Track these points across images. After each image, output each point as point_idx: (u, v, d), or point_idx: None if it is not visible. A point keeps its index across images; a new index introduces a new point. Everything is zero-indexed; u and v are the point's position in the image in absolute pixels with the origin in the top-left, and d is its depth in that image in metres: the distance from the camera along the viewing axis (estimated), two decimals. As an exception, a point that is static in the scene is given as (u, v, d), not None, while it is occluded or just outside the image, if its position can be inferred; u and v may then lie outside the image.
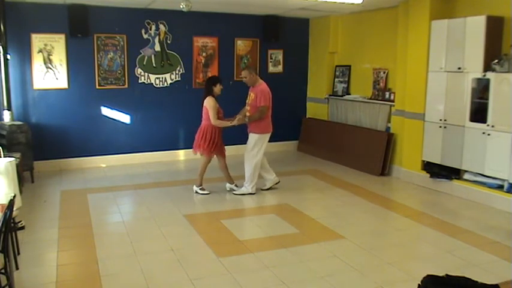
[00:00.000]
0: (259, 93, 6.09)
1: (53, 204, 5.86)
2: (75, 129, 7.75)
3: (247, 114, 6.19)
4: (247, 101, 6.30)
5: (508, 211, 5.57)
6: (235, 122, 6.15)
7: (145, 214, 5.59)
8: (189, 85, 8.51)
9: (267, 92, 6.13)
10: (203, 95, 6.16)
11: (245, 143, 6.36)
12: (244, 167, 6.30)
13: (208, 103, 6.04)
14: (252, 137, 6.19)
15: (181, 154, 8.65)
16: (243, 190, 6.30)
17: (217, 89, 6.13)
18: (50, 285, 3.74)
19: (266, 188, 6.49)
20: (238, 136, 7.14)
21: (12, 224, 3.92)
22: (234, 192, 6.33)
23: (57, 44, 7.45)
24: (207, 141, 6.09)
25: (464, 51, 6.03)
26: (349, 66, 8.70)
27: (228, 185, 6.43)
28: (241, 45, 8.89)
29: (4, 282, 3.31)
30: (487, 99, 5.79)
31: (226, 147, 6.44)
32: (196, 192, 6.33)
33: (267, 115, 6.17)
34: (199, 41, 8.50)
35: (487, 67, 5.78)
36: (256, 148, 6.17)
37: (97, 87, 7.82)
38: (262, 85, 6.19)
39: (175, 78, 8.40)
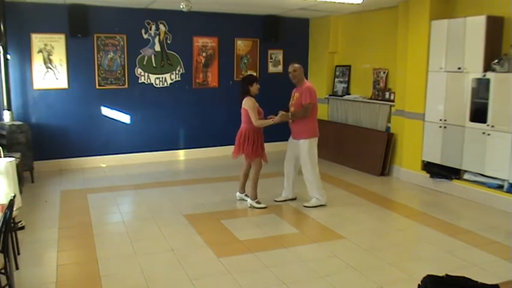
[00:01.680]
0: (304, 91, 5.63)
1: (53, 204, 5.86)
2: (75, 129, 7.76)
3: (290, 115, 5.67)
4: (290, 102, 5.85)
5: (508, 211, 5.57)
6: (277, 119, 5.61)
7: (145, 214, 5.59)
8: (189, 85, 8.51)
9: (313, 90, 5.71)
10: (240, 96, 5.74)
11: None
12: (308, 179, 5.80)
13: (248, 104, 5.59)
14: (303, 145, 5.71)
15: (181, 154, 8.65)
16: (314, 202, 5.82)
17: (255, 88, 5.68)
18: (50, 285, 3.74)
19: (281, 199, 6.06)
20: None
21: (12, 224, 3.92)
22: (305, 205, 5.80)
23: (57, 44, 7.45)
24: (251, 144, 5.66)
25: (464, 51, 6.03)
26: (349, 66, 8.70)
27: (239, 194, 6.08)
28: (241, 45, 8.89)
29: (4, 282, 3.31)
30: (487, 99, 5.79)
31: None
32: (252, 206, 5.78)
33: (313, 117, 5.75)
34: (199, 41, 8.50)
35: (487, 67, 5.78)
36: (310, 155, 5.73)
37: (97, 87, 7.82)
38: (308, 83, 5.79)
39: (175, 78, 8.40)
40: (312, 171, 5.77)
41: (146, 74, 8.16)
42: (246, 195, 6.00)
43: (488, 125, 5.79)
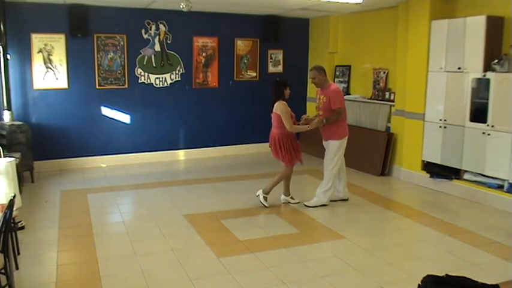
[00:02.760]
0: (332, 95, 5.58)
1: (53, 204, 5.86)
2: (75, 129, 7.76)
3: (324, 121, 5.62)
4: (317, 105, 5.85)
5: (508, 211, 5.57)
6: (312, 126, 5.61)
7: (145, 214, 5.59)
8: (189, 85, 8.51)
9: (340, 92, 5.73)
10: (272, 100, 5.63)
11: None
12: (324, 176, 5.84)
13: (280, 109, 5.49)
14: (333, 145, 5.72)
15: (181, 154, 8.65)
16: (316, 201, 5.84)
17: (287, 92, 5.63)
18: (50, 285, 3.74)
19: (335, 199, 6.01)
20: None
21: (12, 224, 3.92)
22: (306, 204, 5.82)
23: (57, 44, 7.45)
24: (288, 150, 5.61)
25: (464, 51, 6.03)
26: (349, 66, 8.70)
27: (284, 197, 6.00)
28: (241, 45, 8.89)
29: (4, 282, 3.31)
30: (487, 99, 5.79)
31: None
32: (259, 196, 5.80)
33: (343, 118, 5.75)
34: (199, 41, 8.50)
35: (487, 67, 5.78)
36: (337, 155, 5.75)
37: (97, 87, 7.82)
38: (333, 85, 5.75)
39: (175, 78, 8.40)
40: (332, 173, 5.78)
41: (146, 74, 8.16)
42: (291, 197, 5.98)
43: (488, 125, 5.78)
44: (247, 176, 7.31)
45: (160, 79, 8.28)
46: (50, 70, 7.47)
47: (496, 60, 5.67)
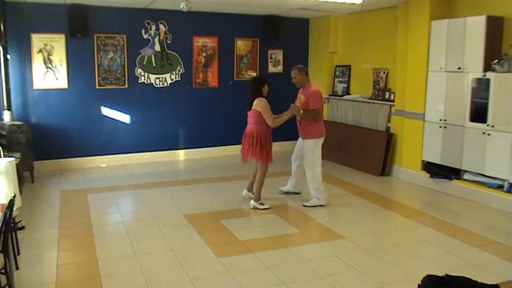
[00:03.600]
0: (311, 96, 5.69)
1: (53, 204, 5.86)
2: (75, 129, 7.76)
3: (301, 110, 5.70)
4: (296, 103, 5.85)
5: (508, 211, 5.57)
6: (289, 112, 5.69)
7: (145, 214, 5.59)
8: (189, 85, 8.51)
9: (320, 93, 5.77)
10: (251, 97, 5.68)
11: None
12: (307, 178, 5.89)
13: (261, 105, 5.55)
14: (308, 144, 5.79)
15: (181, 154, 8.65)
16: (314, 202, 5.85)
17: (265, 89, 5.69)
18: (50, 285, 3.74)
19: (284, 190, 6.29)
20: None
21: (12, 224, 3.92)
22: (305, 204, 5.84)
23: (57, 44, 7.45)
24: (264, 146, 5.63)
25: (464, 51, 6.03)
26: (349, 66, 8.70)
27: (246, 192, 6.09)
28: (241, 45, 8.89)
29: (4, 282, 3.31)
30: (487, 99, 5.79)
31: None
32: (255, 208, 5.74)
33: (320, 118, 5.83)
34: (199, 41, 8.50)
35: (487, 67, 5.78)
36: (314, 154, 5.78)
37: (97, 87, 7.82)
38: (314, 86, 5.80)
39: (175, 78, 8.40)
40: (314, 171, 5.80)
41: (146, 74, 8.16)
42: (253, 193, 5.97)
43: (488, 125, 5.78)
44: (247, 176, 7.29)
45: (160, 79, 8.28)
46: (50, 70, 7.47)
47: (496, 60, 5.67)
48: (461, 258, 4.33)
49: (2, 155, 4.11)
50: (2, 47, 6.83)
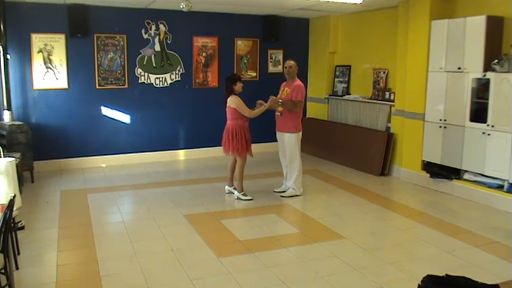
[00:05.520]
0: (296, 88, 6.02)
1: (53, 204, 5.86)
2: (75, 129, 7.76)
3: (280, 100, 6.01)
4: (279, 95, 6.20)
5: (508, 211, 5.57)
6: (268, 104, 6.00)
7: (145, 214, 5.59)
8: (189, 85, 8.51)
9: (304, 88, 6.12)
10: (225, 95, 6.05)
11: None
12: (290, 169, 6.19)
13: (234, 102, 5.90)
14: (291, 137, 6.06)
15: (181, 154, 8.65)
16: (292, 192, 6.20)
17: (238, 86, 5.99)
18: (50, 285, 3.74)
19: (279, 191, 6.40)
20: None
21: (12, 224, 3.92)
22: (282, 195, 6.19)
23: (57, 44, 7.45)
24: (239, 139, 5.95)
25: (464, 51, 6.03)
26: (349, 66, 8.70)
27: (227, 187, 6.34)
28: (241, 45, 8.89)
29: (4, 282, 3.31)
30: (487, 99, 5.79)
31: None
32: (239, 198, 6.09)
33: (300, 113, 6.13)
34: (199, 41, 8.50)
35: (487, 67, 5.78)
36: (296, 147, 6.09)
37: (97, 87, 7.82)
38: (299, 81, 6.15)
39: (175, 78, 8.40)
40: (298, 163, 6.13)
41: (146, 74, 8.16)
42: (234, 188, 6.25)
43: (488, 125, 5.78)
44: (247, 176, 7.27)
45: (160, 79, 8.28)
46: (50, 70, 7.47)
47: (496, 60, 5.67)
48: (461, 258, 4.33)
49: (2, 155, 4.12)
50: (2, 47, 6.83)
